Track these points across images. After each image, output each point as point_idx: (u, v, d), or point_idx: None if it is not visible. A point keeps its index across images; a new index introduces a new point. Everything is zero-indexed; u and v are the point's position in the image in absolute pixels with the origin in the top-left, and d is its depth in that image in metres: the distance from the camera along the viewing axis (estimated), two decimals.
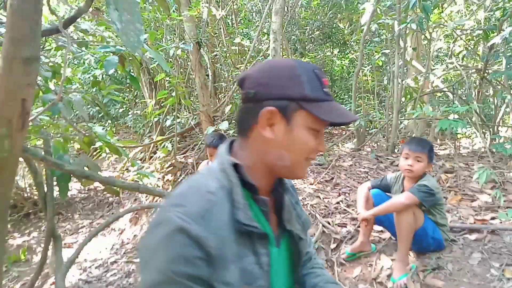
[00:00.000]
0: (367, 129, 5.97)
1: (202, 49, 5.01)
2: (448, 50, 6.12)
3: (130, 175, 5.32)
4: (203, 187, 0.67)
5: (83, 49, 2.33)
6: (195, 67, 4.87)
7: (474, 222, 2.52)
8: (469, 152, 4.50)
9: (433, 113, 3.85)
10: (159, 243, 0.60)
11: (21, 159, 1.71)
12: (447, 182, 3.29)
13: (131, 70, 2.35)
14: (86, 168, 1.71)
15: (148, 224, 4.44)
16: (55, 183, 1.83)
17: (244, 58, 6.13)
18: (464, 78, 4.41)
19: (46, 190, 1.95)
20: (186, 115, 6.07)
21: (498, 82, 4.88)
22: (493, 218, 2.53)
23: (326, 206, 3.07)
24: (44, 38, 1.86)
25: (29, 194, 5.61)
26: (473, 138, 5.59)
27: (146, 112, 5.97)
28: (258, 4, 7.51)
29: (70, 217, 5.53)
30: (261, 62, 0.78)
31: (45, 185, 1.97)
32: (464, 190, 3.09)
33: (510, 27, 3.50)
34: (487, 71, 4.44)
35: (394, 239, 2.30)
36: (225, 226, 0.64)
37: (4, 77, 0.90)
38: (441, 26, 4.86)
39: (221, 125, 3.50)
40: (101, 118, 8.17)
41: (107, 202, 5.85)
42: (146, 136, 6.52)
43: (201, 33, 5.03)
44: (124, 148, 3.66)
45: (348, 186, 3.53)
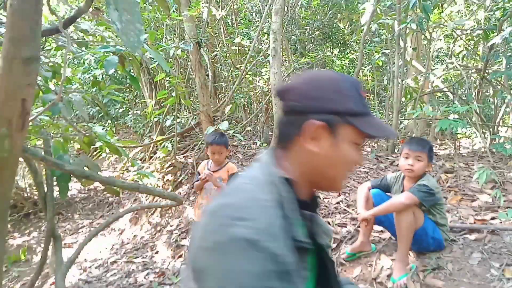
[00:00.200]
0: None
1: (202, 49, 5.01)
2: (448, 50, 6.13)
3: (130, 175, 5.32)
4: (260, 200, 0.64)
5: (83, 49, 2.33)
6: (195, 67, 4.87)
7: (474, 222, 2.52)
8: (469, 152, 4.50)
9: (433, 113, 3.85)
10: (239, 261, 0.56)
11: (21, 159, 1.71)
12: (447, 182, 3.29)
13: (131, 70, 2.35)
14: (86, 168, 1.71)
15: (148, 224, 4.44)
16: (55, 183, 1.83)
17: (244, 58, 6.13)
18: (464, 78, 4.41)
19: (46, 190, 1.95)
20: (186, 115, 6.08)
21: (498, 82, 4.88)
22: (493, 218, 2.53)
23: (326, 206, 3.07)
24: (44, 38, 1.86)
25: (29, 194, 5.61)
26: (473, 138, 5.59)
27: (146, 112, 5.97)
28: (258, 4, 7.51)
29: (70, 217, 5.53)
30: (303, 74, 0.77)
31: (45, 185, 1.97)
32: (464, 190, 3.09)
33: (510, 27, 3.50)
34: (487, 71, 4.44)
35: (394, 239, 2.30)
36: (286, 241, 0.63)
37: (4, 77, 0.90)
38: (441, 26, 4.86)
39: (221, 125, 3.50)
40: (101, 118, 8.17)
41: (107, 202, 5.85)
42: (146, 136, 6.52)
43: (201, 33, 5.03)
44: (124, 148, 3.66)
45: (348, 186, 3.53)
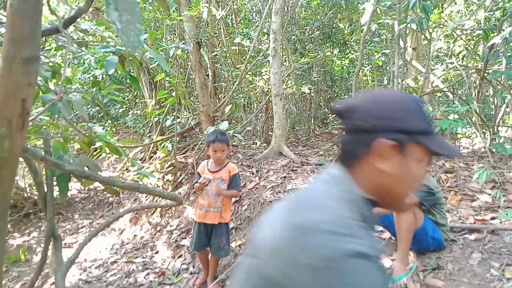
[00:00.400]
0: None
1: (202, 49, 5.02)
2: (448, 50, 6.13)
3: (130, 175, 5.32)
4: (350, 217, 0.65)
5: (83, 49, 2.33)
6: (195, 67, 4.87)
7: (474, 222, 2.51)
8: (469, 152, 4.50)
9: (433, 113, 3.85)
10: (362, 276, 0.57)
11: (21, 159, 1.71)
12: (447, 182, 3.29)
13: (131, 70, 2.35)
14: (86, 168, 1.71)
15: (148, 224, 4.44)
16: (55, 183, 1.82)
17: (244, 58, 6.13)
18: (464, 78, 4.41)
19: (46, 190, 1.95)
20: (186, 115, 6.08)
21: (498, 82, 4.88)
22: (493, 218, 2.53)
23: None
24: (44, 38, 1.86)
25: (29, 194, 5.61)
26: (473, 138, 5.59)
27: (146, 112, 5.97)
28: (258, 4, 7.51)
29: (70, 217, 5.53)
30: (366, 93, 0.78)
31: (45, 185, 1.96)
32: (464, 190, 3.09)
33: (510, 27, 3.49)
34: (487, 71, 4.44)
35: (394, 239, 2.30)
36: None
37: (4, 77, 0.90)
38: (441, 26, 4.86)
39: (221, 125, 3.50)
40: (101, 118, 8.17)
41: (107, 202, 5.85)
42: (146, 136, 6.52)
43: (201, 33, 5.03)
44: (124, 148, 3.66)
45: None
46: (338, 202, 0.68)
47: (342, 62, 8.22)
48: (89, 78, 5.51)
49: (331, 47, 8.24)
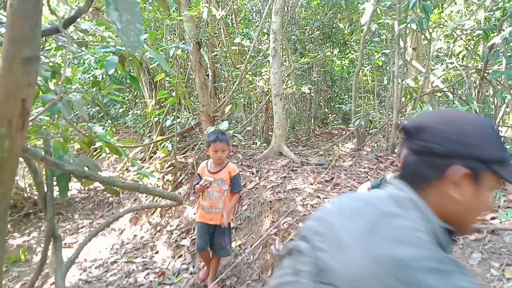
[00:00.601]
0: (367, 129, 5.98)
1: (202, 49, 5.02)
2: (448, 50, 6.13)
3: (130, 175, 5.33)
4: (440, 251, 0.62)
5: (83, 49, 2.33)
6: (195, 67, 4.87)
7: None
8: None
9: None
10: None
11: (21, 159, 1.71)
12: None
13: (131, 70, 2.35)
14: (86, 168, 1.71)
15: (148, 224, 4.45)
16: (55, 183, 1.82)
17: (244, 58, 6.13)
18: (464, 78, 4.41)
19: (46, 190, 1.95)
20: (186, 115, 6.08)
21: (498, 82, 4.88)
22: (493, 218, 2.53)
23: None
24: (44, 38, 1.86)
25: (29, 194, 5.61)
26: None
27: (146, 112, 5.98)
28: (258, 4, 7.51)
29: (70, 217, 5.53)
30: (437, 113, 0.75)
31: (45, 185, 1.96)
32: None
33: (510, 27, 3.50)
34: (487, 71, 4.44)
35: None
36: None
37: (4, 77, 0.90)
38: (441, 26, 4.87)
39: (221, 125, 3.50)
40: (101, 118, 8.17)
41: (107, 202, 5.85)
42: (146, 136, 6.53)
43: (201, 33, 5.03)
44: (124, 148, 3.66)
45: (348, 186, 3.53)
46: (427, 233, 0.65)
47: (342, 62, 8.22)
48: (89, 78, 5.51)
49: (331, 47, 8.24)
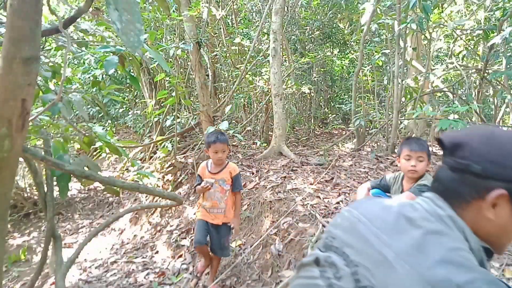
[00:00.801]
0: (367, 129, 5.98)
1: (202, 49, 5.02)
2: (448, 50, 6.13)
3: (130, 175, 5.33)
4: (489, 272, 0.62)
5: (83, 49, 2.33)
6: (195, 67, 4.87)
7: None
8: None
9: (433, 113, 3.85)
10: None
11: (21, 159, 1.71)
12: None
13: (131, 70, 2.35)
14: (86, 168, 1.71)
15: (148, 224, 4.45)
16: (55, 183, 1.83)
17: (244, 58, 6.14)
18: (464, 78, 4.41)
19: (46, 190, 1.95)
20: (186, 115, 6.08)
21: (498, 82, 4.88)
22: None
23: (326, 206, 3.08)
24: (44, 38, 1.86)
25: (29, 194, 5.61)
26: None
27: (146, 112, 5.98)
28: (258, 4, 7.51)
29: (70, 217, 5.53)
30: (478, 129, 0.74)
31: (45, 185, 1.96)
32: None
33: (510, 27, 3.50)
34: (487, 71, 4.44)
35: None
36: None
37: (4, 77, 0.90)
38: (441, 26, 4.87)
39: (221, 125, 3.50)
40: (101, 118, 8.17)
41: (107, 202, 5.85)
42: (146, 136, 6.53)
43: (201, 33, 5.03)
44: (124, 148, 3.66)
45: (348, 186, 3.53)
46: (470, 253, 0.64)
47: (342, 62, 8.22)
48: (89, 78, 5.51)
49: (331, 47, 8.24)
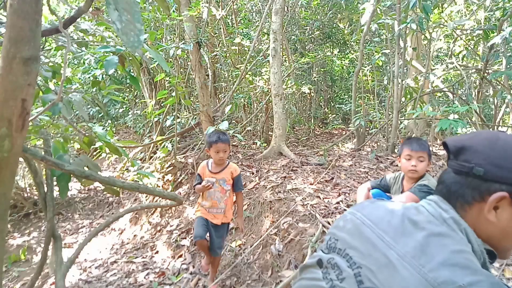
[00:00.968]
0: (367, 129, 5.98)
1: (202, 49, 5.02)
2: (448, 50, 6.13)
3: (130, 175, 5.32)
4: (493, 276, 0.61)
5: (83, 49, 2.33)
6: (195, 67, 4.87)
7: None
8: None
9: (433, 113, 3.85)
10: None
11: (21, 159, 1.71)
12: None
13: (131, 70, 2.35)
14: (86, 168, 1.71)
15: (148, 224, 4.45)
16: (55, 183, 1.82)
17: (244, 58, 6.14)
18: (464, 78, 4.41)
19: (46, 190, 1.95)
20: (186, 115, 6.08)
21: (498, 82, 4.89)
22: None
23: (326, 206, 3.08)
24: (44, 38, 1.86)
25: (29, 194, 5.61)
26: None
27: (146, 112, 5.98)
28: (258, 4, 7.51)
29: (70, 217, 5.53)
30: (482, 133, 0.74)
31: (45, 185, 1.96)
32: None
33: (510, 27, 3.50)
34: (487, 71, 4.44)
35: None
36: None
37: (4, 77, 0.90)
38: (441, 26, 4.87)
39: (221, 125, 3.50)
40: (101, 118, 8.18)
41: (107, 202, 5.85)
42: (146, 136, 6.53)
43: (201, 33, 5.03)
44: (124, 148, 3.66)
45: (348, 186, 3.53)
46: (474, 255, 0.64)
47: (342, 62, 8.22)
48: (89, 78, 5.51)
49: (331, 47, 8.25)
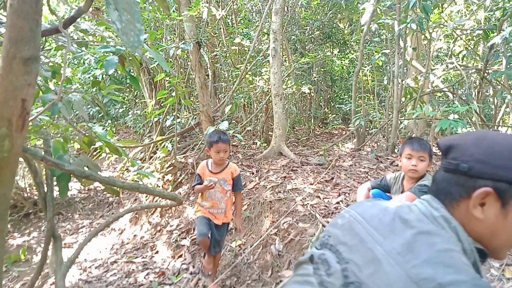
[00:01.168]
0: (367, 129, 5.98)
1: (202, 49, 5.02)
2: (448, 50, 6.13)
3: (130, 175, 5.32)
4: (479, 277, 0.60)
5: (83, 49, 2.33)
6: (195, 67, 4.87)
7: None
8: None
9: (433, 113, 3.85)
10: None
11: (21, 159, 1.71)
12: None
13: (131, 70, 2.35)
14: (86, 168, 1.71)
15: (148, 224, 4.45)
16: (55, 183, 1.82)
17: (244, 58, 6.14)
18: (464, 78, 4.41)
19: (46, 190, 1.95)
20: (186, 115, 6.08)
21: (498, 82, 4.89)
22: None
23: (326, 206, 3.08)
24: (44, 38, 1.86)
25: (29, 194, 5.61)
26: None
27: (146, 112, 5.98)
28: (258, 4, 7.51)
29: (70, 217, 5.53)
30: (473, 132, 0.73)
31: (45, 185, 1.96)
32: None
33: (510, 27, 3.50)
34: (487, 71, 4.44)
35: None
36: None
37: (4, 77, 0.90)
38: (441, 26, 4.87)
39: (221, 125, 3.50)
40: (101, 118, 8.18)
41: (107, 202, 5.85)
42: (146, 136, 6.53)
43: (201, 33, 5.03)
44: (124, 148, 3.66)
45: (348, 186, 3.53)
46: (463, 254, 0.63)
47: (342, 62, 8.22)
48: (89, 78, 5.51)
49: (331, 47, 8.25)
